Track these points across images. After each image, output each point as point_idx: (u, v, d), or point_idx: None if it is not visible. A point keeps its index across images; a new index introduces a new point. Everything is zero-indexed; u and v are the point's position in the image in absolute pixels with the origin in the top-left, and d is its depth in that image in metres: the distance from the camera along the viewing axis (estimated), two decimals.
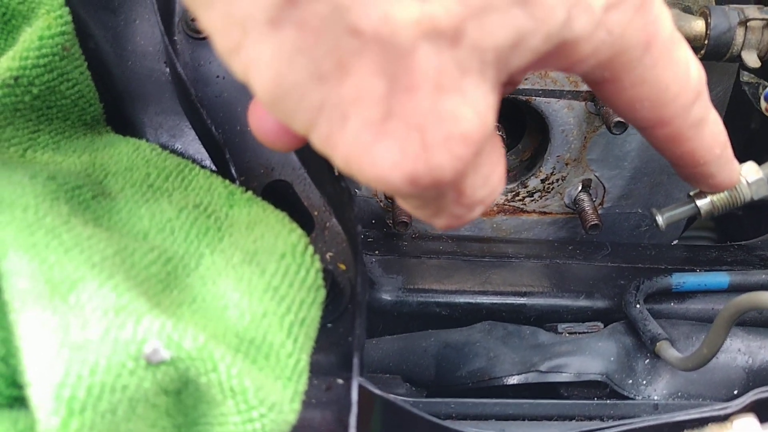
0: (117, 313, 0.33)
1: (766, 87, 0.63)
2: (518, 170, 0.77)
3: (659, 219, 0.52)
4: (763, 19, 0.59)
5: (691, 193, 0.51)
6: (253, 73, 0.28)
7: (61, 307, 0.32)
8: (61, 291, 0.33)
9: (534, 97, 0.70)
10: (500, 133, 0.74)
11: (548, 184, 0.75)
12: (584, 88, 0.69)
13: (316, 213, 0.54)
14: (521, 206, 0.77)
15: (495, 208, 0.77)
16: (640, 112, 0.37)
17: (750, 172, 0.50)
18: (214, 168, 0.54)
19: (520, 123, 0.77)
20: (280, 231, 0.43)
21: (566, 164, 0.74)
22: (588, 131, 0.72)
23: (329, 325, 0.49)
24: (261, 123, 0.36)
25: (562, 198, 0.76)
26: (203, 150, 0.55)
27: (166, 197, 0.45)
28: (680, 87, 0.37)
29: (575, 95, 0.69)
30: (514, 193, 0.76)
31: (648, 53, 0.34)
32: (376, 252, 0.70)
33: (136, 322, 0.32)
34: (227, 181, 0.48)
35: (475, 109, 0.29)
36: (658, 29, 0.34)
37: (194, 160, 0.54)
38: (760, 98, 0.63)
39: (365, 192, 0.75)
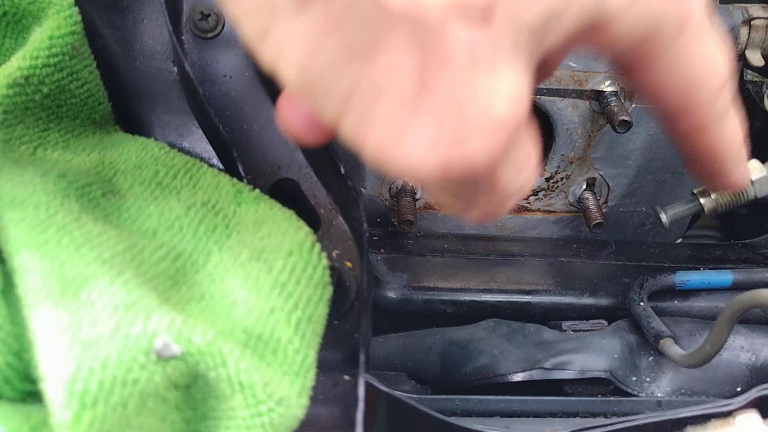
0: (127, 309, 0.33)
1: None
2: None
3: (663, 216, 0.52)
4: (766, 18, 0.60)
5: (695, 191, 0.51)
6: (282, 56, 0.28)
7: (72, 303, 0.33)
8: (73, 288, 0.34)
9: (538, 96, 0.70)
10: None
11: (553, 182, 0.76)
12: (589, 87, 0.69)
13: (322, 211, 0.55)
14: (526, 205, 0.77)
15: None
16: (668, 99, 0.37)
17: (754, 170, 0.51)
18: (221, 167, 0.55)
19: None
20: (287, 229, 0.43)
21: (570, 163, 0.74)
22: (592, 130, 0.72)
23: (335, 322, 0.49)
24: (290, 116, 0.34)
25: (567, 196, 0.76)
26: (210, 149, 0.56)
27: (175, 195, 0.45)
28: (709, 74, 0.36)
29: (580, 94, 0.70)
30: None
31: (681, 35, 0.34)
32: (381, 250, 0.70)
33: (146, 317, 0.33)
34: (235, 180, 0.48)
35: (509, 91, 0.28)
36: (692, 11, 0.34)
37: (202, 159, 0.54)
38: (763, 97, 0.64)
39: (371, 191, 0.76)
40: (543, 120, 0.73)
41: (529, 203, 0.77)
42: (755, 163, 0.51)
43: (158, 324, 0.33)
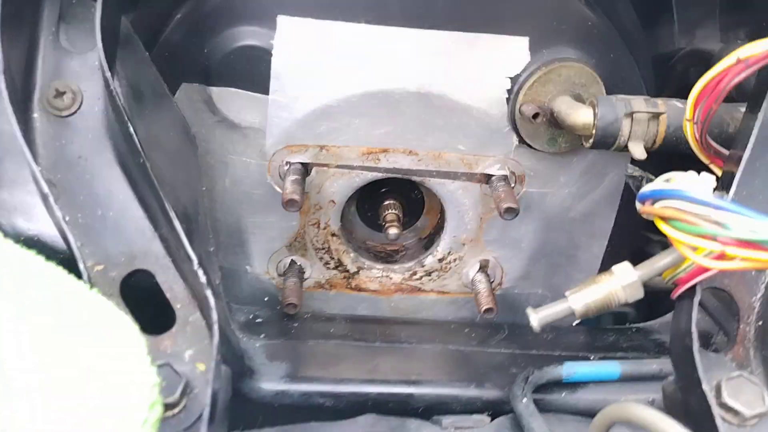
0: None
1: (649, 180, 0.62)
2: (416, 248, 0.76)
3: (533, 319, 0.50)
4: (648, 112, 0.59)
5: (567, 294, 0.50)
6: None
7: None
8: None
9: (428, 178, 0.68)
10: (396, 211, 0.73)
11: (445, 263, 0.74)
12: (479, 170, 0.67)
13: (179, 306, 0.51)
14: (419, 285, 0.75)
15: (392, 287, 0.75)
16: None
17: (625, 274, 0.49)
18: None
19: (420, 201, 0.76)
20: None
21: (463, 244, 0.72)
22: (484, 212, 0.70)
23: None
24: None
25: (461, 278, 0.74)
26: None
27: None
28: None
29: (470, 177, 0.68)
30: (411, 271, 0.74)
31: None
32: (262, 336, 0.66)
33: None
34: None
35: None
36: None
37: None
38: None
39: (257, 269, 0.72)
40: (436, 200, 0.72)
41: (423, 284, 0.75)
42: (627, 267, 0.49)
43: None
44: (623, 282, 0.49)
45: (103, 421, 0.36)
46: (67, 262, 0.50)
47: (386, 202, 0.73)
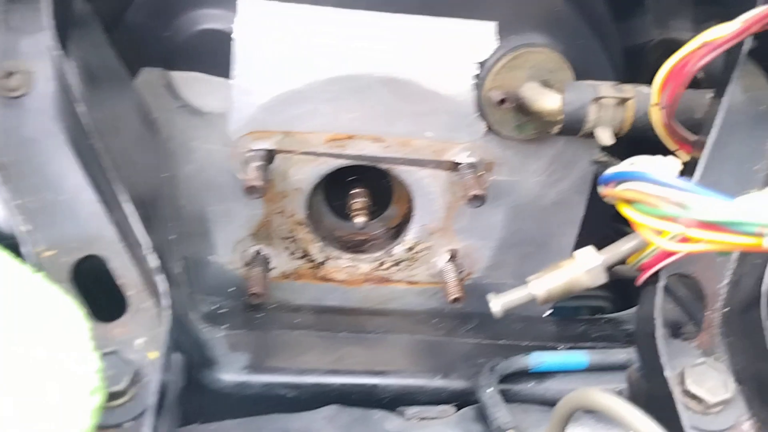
0: None
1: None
2: (385, 238, 0.74)
3: (493, 305, 0.49)
4: (615, 98, 0.59)
5: (528, 279, 0.49)
6: None
7: None
8: None
9: (395, 166, 0.67)
10: (364, 199, 0.72)
11: (414, 253, 0.72)
12: (446, 157, 0.66)
13: (132, 292, 0.49)
14: (387, 275, 0.74)
15: (361, 277, 0.73)
16: None
17: (588, 259, 0.48)
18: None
19: (388, 189, 0.75)
20: None
21: (431, 233, 0.71)
22: (452, 201, 0.69)
23: (127, 424, 0.44)
24: None
25: (430, 268, 0.73)
26: None
27: None
28: None
29: (438, 164, 0.67)
30: (379, 261, 0.73)
31: None
32: (225, 326, 0.65)
33: None
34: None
35: None
36: None
37: None
38: None
39: (222, 258, 0.71)
40: (405, 189, 0.70)
41: (391, 274, 0.74)
42: (591, 251, 0.49)
43: None
44: (586, 267, 0.48)
45: (40, 406, 0.34)
46: (16, 247, 0.49)
47: (354, 191, 0.72)
